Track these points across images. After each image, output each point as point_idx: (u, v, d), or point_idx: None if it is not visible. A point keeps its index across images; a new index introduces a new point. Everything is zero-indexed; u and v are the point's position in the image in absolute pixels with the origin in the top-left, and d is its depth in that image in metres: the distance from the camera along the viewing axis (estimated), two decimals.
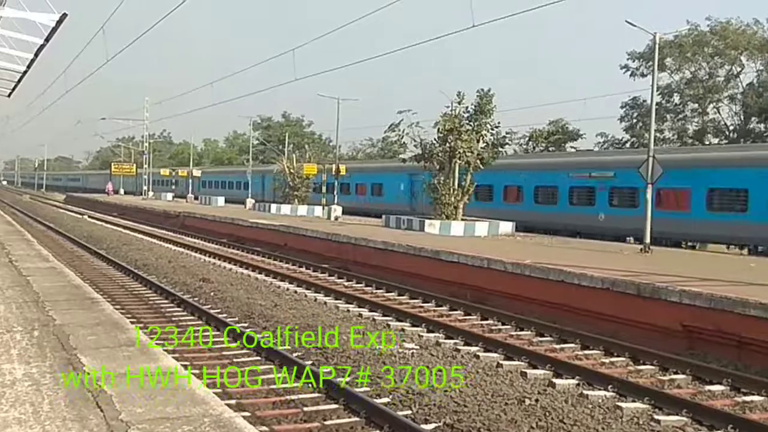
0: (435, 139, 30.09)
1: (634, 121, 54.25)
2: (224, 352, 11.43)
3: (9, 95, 27.92)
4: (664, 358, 11.44)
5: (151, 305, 15.70)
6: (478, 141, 29.43)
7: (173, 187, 77.61)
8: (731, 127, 50.68)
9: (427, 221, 28.78)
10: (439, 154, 29.76)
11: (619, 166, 28.58)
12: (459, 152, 28.88)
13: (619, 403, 9.19)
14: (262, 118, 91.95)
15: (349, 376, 10.16)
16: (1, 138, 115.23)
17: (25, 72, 21.60)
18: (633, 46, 52.35)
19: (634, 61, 51.95)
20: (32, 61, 19.48)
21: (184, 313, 14.76)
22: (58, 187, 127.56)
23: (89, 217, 48.71)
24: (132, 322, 10.54)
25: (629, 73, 52.57)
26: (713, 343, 12.21)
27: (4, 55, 20.25)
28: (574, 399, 9.38)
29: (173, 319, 14.19)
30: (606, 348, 12.34)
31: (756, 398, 9.62)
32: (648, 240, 21.54)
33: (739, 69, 49.88)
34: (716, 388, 10.14)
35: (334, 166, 42.60)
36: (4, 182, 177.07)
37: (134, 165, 79.21)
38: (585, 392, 9.65)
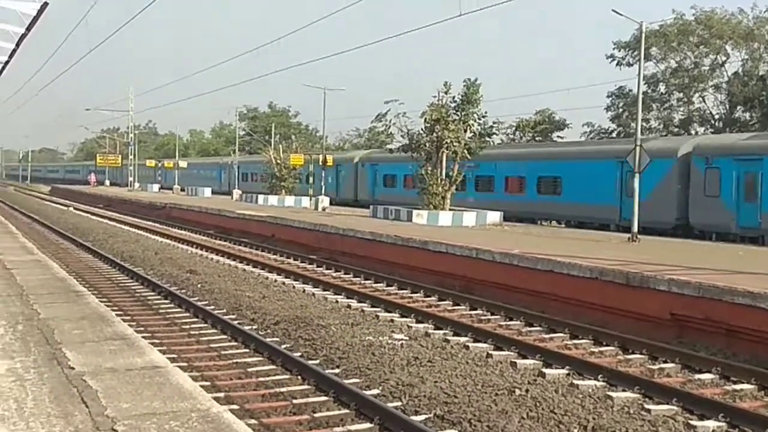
0: (422, 129, 30.00)
1: (621, 110, 54.30)
2: (212, 345, 11.33)
3: None
4: (653, 347, 11.44)
5: (137, 298, 15.57)
6: (465, 131, 29.35)
7: (159, 177, 77.13)
8: (717, 116, 50.85)
9: (414, 211, 28.73)
10: (426, 144, 29.68)
11: (481, 159, 31.52)
12: (446, 142, 28.80)
13: (610, 393, 9.17)
14: (248, 108, 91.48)
15: (338, 367, 10.11)
16: None
17: (6, 62, 21.33)
18: (619, 36, 52.32)
19: (620, 51, 51.97)
20: (14, 50, 19.23)
21: (172, 306, 14.64)
22: (44, 178, 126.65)
23: (74, 208, 48.37)
24: (118, 315, 10.40)
25: (615, 62, 52.58)
26: (702, 332, 12.22)
27: None
28: (564, 389, 9.35)
29: (160, 311, 14.08)
30: (595, 337, 12.33)
31: (745, 386, 9.62)
32: (636, 229, 21.57)
33: (724, 58, 49.99)
34: (706, 376, 10.14)
35: (321, 156, 42.44)
36: None
37: (119, 156, 78.69)
38: (575, 382, 9.62)
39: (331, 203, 40.58)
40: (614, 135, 53.32)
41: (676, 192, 26.78)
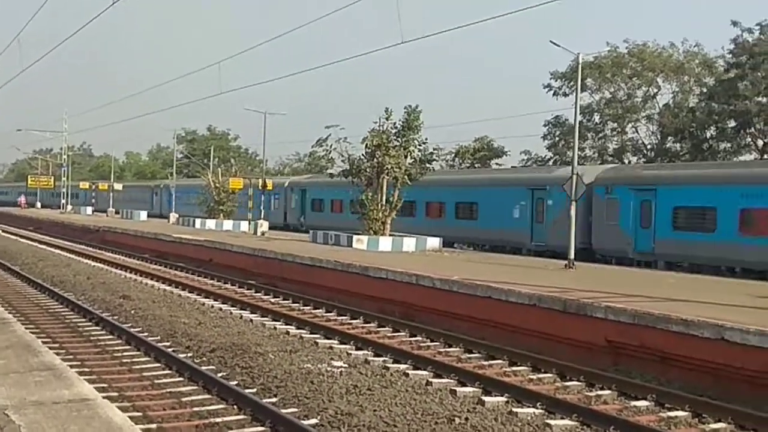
0: (363, 155, 30.02)
1: (557, 139, 55.41)
2: (145, 374, 10.99)
3: None
4: (590, 374, 11.54)
5: (67, 324, 15.04)
6: (405, 157, 29.49)
7: (93, 200, 75.29)
8: (649, 146, 52.29)
9: (354, 237, 28.63)
10: (367, 170, 29.71)
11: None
12: (387, 168, 28.88)
13: (548, 421, 9.19)
14: (187, 131, 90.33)
15: (275, 396, 9.90)
16: None
17: None
18: (555, 66, 53.52)
19: (556, 81, 53.14)
20: None
21: (103, 333, 14.18)
22: None
23: (2, 231, 46.78)
24: (46, 344, 10.03)
25: (552, 92, 53.73)
26: (637, 359, 12.40)
27: None
28: (503, 417, 9.33)
29: (91, 339, 13.61)
30: (534, 364, 12.39)
31: (680, 413, 9.76)
32: (572, 255, 21.91)
33: (655, 90, 51.57)
34: (641, 403, 10.25)
35: (260, 181, 42.06)
36: None
37: (52, 177, 76.61)
38: (514, 410, 9.61)
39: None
40: (550, 163, 54.31)
41: (580, 218, 27.38)
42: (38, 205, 79.79)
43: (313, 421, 8.79)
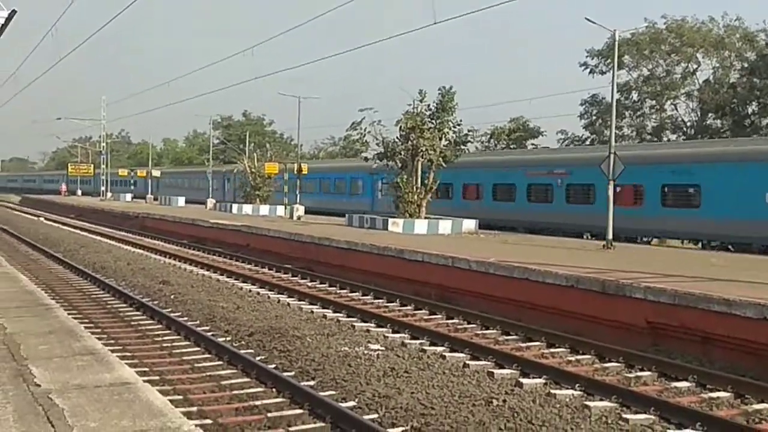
0: (397, 138, 29.94)
1: (594, 118, 54.76)
2: (184, 358, 11.14)
3: None
4: (629, 355, 11.42)
5: (108, 310, 15.30)
6: (440, 139, 29.34)
7: (132, 187, 76.44)
8: (689, 123, 51.42)
9: (390, 220, 28.63)
10: (402, 153, 29.63)
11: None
12: (421, 150, 28.78)
13: (587, 402, 9.11)
14: (223, 117, 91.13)
15: (313, 379, 9.97)
16: None
17: None
18: (591, 44, 52.78)
19: (593, 59, 52.43)
20: None
21: (144, 318, 14.40)
22: (14, 188, 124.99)
23: (45, 219, 47.71)
24: (88, 328, 10.21)
25: (588, 70, 53.05)
26: (678, 339, 12.23)
27: None
28: (541, 399, 9.29)
29: (132, 323, 13.83)
30: (572, 346, 12.30)
31: (722, 394, 9.61)
32: (610, 236, 21.65)
33: (695, 66, 50.64)
34: (682, 384, 10.13)
35: (296, 165, 42.26)
36: None
37: (92, 165, 77.86)
38: (552, 391, 9.56)
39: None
40: (588, 142, 53.71)
41: None
42: (79, 192, 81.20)
43: (351, 403, 8.84)
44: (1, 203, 75.61)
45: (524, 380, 10.07)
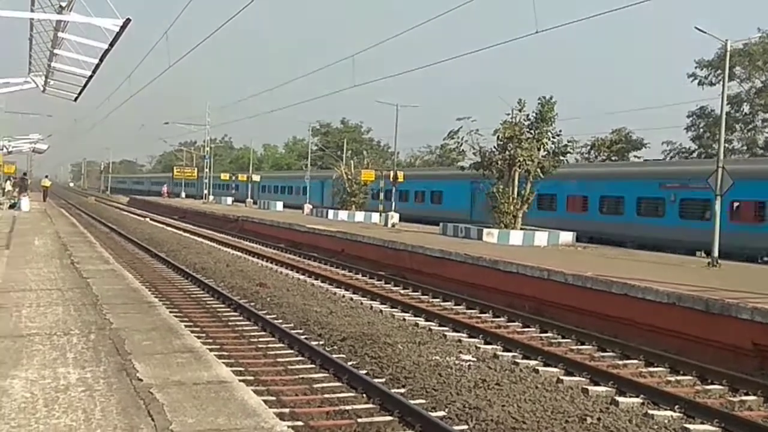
0: (494, 147, 29.68)
1: (702, 130, 52.79)
2: (279, 359, 11.35)
3: (75, 99, 28.58)
4: (733, 377, 10.93)
5: (207, 309, 15.76)
6: (538, 149, 28.90)
7: (233, 191, 78.65)
8: None
9: (485, 230, 28.38)
10: (499, 162, 29.33)
11: None
12: (519, 160, 28.41)
13: (687, 425, 8.78)
14: (321, 123, 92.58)
15: (404, 387, 9.97)
16: (68, 141, 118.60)
17: (90, 76, 22.04)
18: (700, 54, 50.91)
19: (702, 69, 50.56)
20: (97, 65, 19.86)
21: (240, 318, 14.77)
22: (123, 189, 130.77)
23: (151, 219, 49.63)
24: (188, 327, 10.53)
25: (697, 81, 51.18)
26: None
27: (71, 60, 20.71)
28: (638, 419, 9.00)
29: (229, 324, 14.20)
30: (671, 365, 11.87)
31: None
32: (716, 253, 20.78)
33: None
34: None
35: (392, 173, 42.48)
36: (71, 184, 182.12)
37: (195, 169, 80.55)
38: (650, 412, 9.25)
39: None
40: (694, 155, 51.82)
41: None
42: (182, 195, 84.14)
43: (441, 413, 8.79)
44: (111, 204, 79.21)
45: (620, 399, 9.78)
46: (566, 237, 28.78)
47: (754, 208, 26.38)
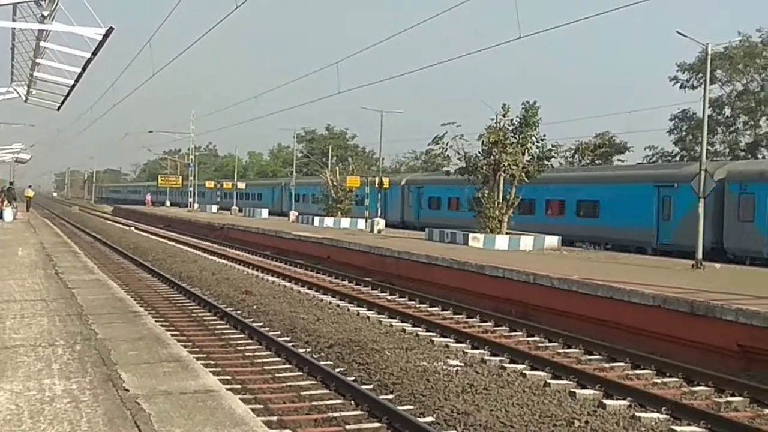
0: (479, 152, 29.76)
1: (684, 133, 53.15)
2: (266, 367, 11.31)
3: (58, 108, 28.40)
4: (719, 379, 11.00)
5: (194, 318, 15.70)
6: (523, 154, 29.01)
7: (218, 199, 78.35)
8: None
9: (470, 235, 28.45)
10: (484, 167, 29.42)
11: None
12: (504, 165, 28.52)
13: (674, 427, 8.82)
14: (306, 130, 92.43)
15: (392, 393, 9.96)
16: (51, 150, 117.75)
17: (73, 86, 21.92)
18: (682, 58, 51.26)
19: (683, 73, 50.94)
20: (80, 74, 19.74)
21: (227, 327, 14.71)
22: (107, 198, 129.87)
23: (136, 228, 49.38)
24: (174, 336, 10.48)
25: (678, 84, 51.56)
26: None
27: (54, 69, 20.58)
28: (625, 421, 9.03)
29: (216, 332, 14.15)
30: (658, 368, 11.92)
31: None
32: (700, 255, 20.92)
33: None
34: None
35: (377, 179, 42.51)
36: (55, 194, 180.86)
37: (180, 177, 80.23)
38: (637, 414, 9.29)
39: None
40: (677, 158, 52.18)
41: (711, 216, 25.71)
42: (167, 203, 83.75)
43: (429, 419, 8.79)
44: (95, 213, 78.66)
45: (607, 401, 9.82)
46: (552, 241, 28.90)
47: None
